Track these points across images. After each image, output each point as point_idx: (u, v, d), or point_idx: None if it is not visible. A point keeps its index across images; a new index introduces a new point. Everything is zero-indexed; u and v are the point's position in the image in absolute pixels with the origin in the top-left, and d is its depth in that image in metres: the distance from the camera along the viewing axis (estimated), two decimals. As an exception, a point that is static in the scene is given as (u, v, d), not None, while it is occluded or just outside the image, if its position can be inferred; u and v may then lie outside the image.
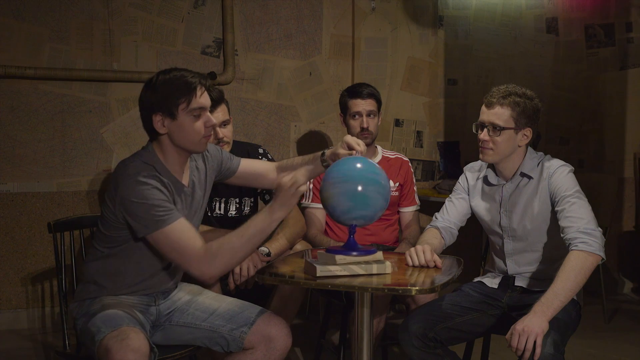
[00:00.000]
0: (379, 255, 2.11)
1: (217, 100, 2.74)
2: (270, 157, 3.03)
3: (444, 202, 2.70)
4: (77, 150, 3.85)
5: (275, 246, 2.74)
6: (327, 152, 2.34)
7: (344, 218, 2.04)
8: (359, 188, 2.00)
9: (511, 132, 2.43)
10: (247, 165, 2.51)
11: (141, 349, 1.95)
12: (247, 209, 2.98)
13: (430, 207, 3.75)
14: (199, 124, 2.16)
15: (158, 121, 2.15)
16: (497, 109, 2.42)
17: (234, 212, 2.94)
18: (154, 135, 2.20)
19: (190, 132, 2.16)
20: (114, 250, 2.21)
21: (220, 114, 2.78)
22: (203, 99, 2.17)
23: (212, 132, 2.55)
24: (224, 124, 2.81)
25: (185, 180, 2.26)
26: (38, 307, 3.84)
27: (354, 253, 2.08)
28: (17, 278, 3.81)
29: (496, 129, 2.42)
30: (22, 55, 3.72)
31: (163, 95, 2.14)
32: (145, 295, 2.27)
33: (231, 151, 2.84)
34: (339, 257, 2.06)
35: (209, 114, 2.19)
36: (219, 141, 2.78)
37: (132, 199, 2.06)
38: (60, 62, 3.79)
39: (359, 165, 2.04)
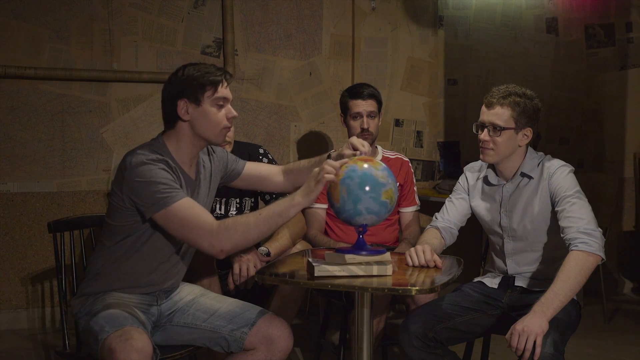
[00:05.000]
0: (387, 256, 2.11)
1: None
2: (270, 157, 3.03)
3: (444, 202, 2.70)
4: (77, 150, 3.85)
5: (275, 246, 2.74)
6: (333, 154, 2.34)
7: (357, 216, 2.03)
8: (353, 187, 2.00)
9: (511, 132, 2.43)
10: (252, 168, 2.52)
11: (145, 349, 1.95)
12: (247, 209, 2.98)
13: (430, 207, 3.75)
14: (222, 114, 2.20)
15: (182, 107, 2.18)
16: (497, 109, 2.42)
17: (234, 212, 2.94)
18: (172, 123, 2.22)
19: (212, 121, 2.19)
20: (119, 243, 2.21)
21: None
22: (227, 91, 2.22)
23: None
24: None
25: (192, 174, 2.27)
26: (38, 307, 3.84)
27: (363, 252, 2.08)
28: (17, 278, 3.81)
29: (496, 129, 2.42)
30: (22, 55, 3.72)
31: (190, 81, 2.18)
32: (147, 295, 2.27)
33: (232, 151, 2.85)
34: (349, 257, 2.06)
35: (230, 106, 2.23)
36: None
37: (136, 179, 2.09)
38: (60, 62, 3.79)
39: (380, 167, 2.04)
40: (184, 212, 2.07)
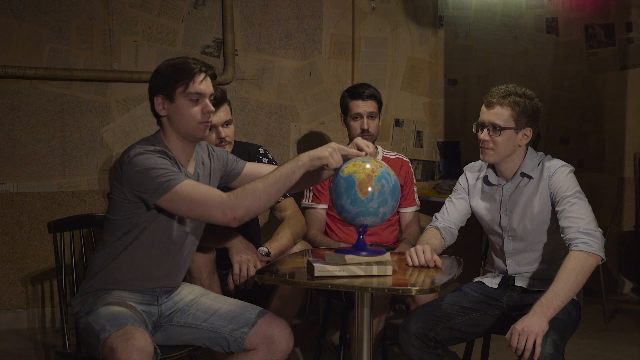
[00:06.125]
0: (387, 256, 2.11)
1: (220, 100, 2.75)
2: (270, 157, 3.02)
3: (444, 202, 2.70)
4: (77, 150, 3.85)
5: (275, 246, 2.74)
6: None
7: (370, 216, 2.03)
8: (386, 189, 2.00)
9: (511, 132, 2.43)
10: (252, 168, 2.51)
11: (146, 348, 1.95)
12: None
13: (430, 207, 3.75)
14: (196, 110, 2.20)
15: (159, 103, 2.22)
16: (497, 109, 2.42)
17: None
18: (158, 120, 2.26)
19: (186, 117, 2.19)
20: (121, 239, 2.22)
21: (223, 113, 2.78)
22: (203, 85, 2.20)
23: (207, 124, 2.62)
24: (226, 123, 2.81)
25: (190, 169, 2.29)
26: (38, 307, 3.84)
27: (363, 253, 2.08)
28: (17, 278, 3.81)
29: (496, 129, 2.42)
30: (22, 55, 3.72)
31: (164, 78, 2.20)
32: (148, 295, 2.27)
33: (232, 151, 2.84)
34: (349, 257, 2.06)
35: (208, 102, 2.21)
36: (221, 141, 2.78)
37: (135, 168, 2.11)
38: (60, 62, 3.79)
39: (384, 167, 2.04)
40: (190, 190, 2.09)
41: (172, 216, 2.22)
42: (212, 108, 2.23)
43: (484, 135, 2.45)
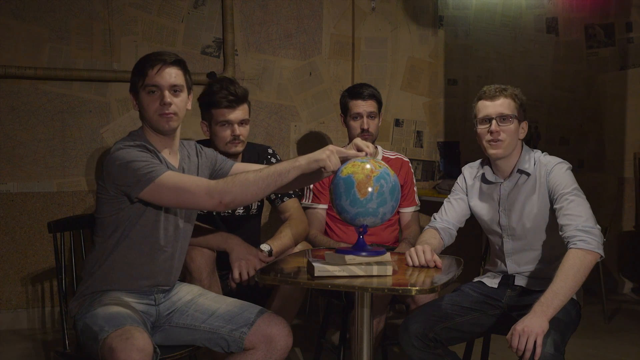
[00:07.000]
0: (387, 256, 2.11)
1: (241, 98, 2.77)
2: (279, 157, 3.03)
3: (443, 202, 2.71)
4: (77, 150, 3.85)
5: (278, 244, 2.73)
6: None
7: (370, 217, 2.03)
8: (385, 189, 2.00)
9: (517, 123, 2.49)
10: (240, 168, 2.50)
11: (146, 348, 1.95)
12: (254, 208, 2.98)
13: (430, 207, 3.75)
14: (153, 101, 2.22)
15: (132, 99, 2.28)
16: (502, 100, 2.48)
17: (241, 211, 2.94)
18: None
19: (146, 109, 2.24)
20: (110, 237, 2.23)
21: (241, 112, 2.79)
22: (158, 77, 2.22)
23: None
24: (243, 122, 2.81)
25: (174, 162, 2.30)
26: (38, 307, 3.84)
27: (363, 253, 2.08)
28: (17, 278, 3.81)
29: (506, 118, 2.46)
30: (22, 55, 3.72)
31: (131, 76, 2.27)
32: (145, 295, 2.27)
33: (243, 151, 2.85)
34: (349, 257, 2.06)
35: (166, 92, 2.22)
36: (235, 138, 2.78)
37: (115, 162, 2.14)
38: (60, 62, 3.79)
39: (383, 168, 2.04)
40: (173, 179, 2.10)
41: (159, 212, 2.23)
42: (168, 100, 2.22)
43: (494, 126, 2.46)
